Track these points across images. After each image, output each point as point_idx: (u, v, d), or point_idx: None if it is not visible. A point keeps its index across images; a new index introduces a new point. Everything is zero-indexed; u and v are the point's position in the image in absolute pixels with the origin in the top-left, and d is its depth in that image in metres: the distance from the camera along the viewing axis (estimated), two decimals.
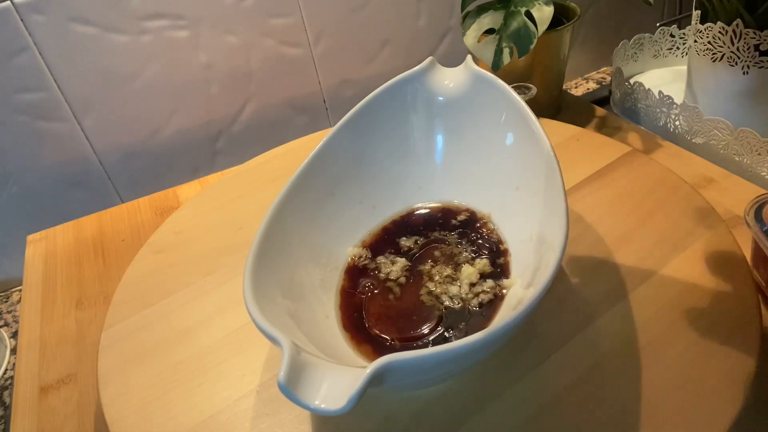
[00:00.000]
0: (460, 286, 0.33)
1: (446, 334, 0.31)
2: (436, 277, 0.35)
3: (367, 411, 0.29)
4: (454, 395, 0.29)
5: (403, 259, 0.36)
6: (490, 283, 0.33)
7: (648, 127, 0.57)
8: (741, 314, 0.31)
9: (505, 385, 0.30)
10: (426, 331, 0.32)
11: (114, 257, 0.48)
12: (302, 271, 0.33)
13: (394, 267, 0.35)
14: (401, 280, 0.35)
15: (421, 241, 0.37)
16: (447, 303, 0.33)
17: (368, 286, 0.35)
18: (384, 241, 0.38)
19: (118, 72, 0.53)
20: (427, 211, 0.39)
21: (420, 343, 0.31)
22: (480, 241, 0.36)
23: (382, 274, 0.35)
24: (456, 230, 0.38)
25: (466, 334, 0.28)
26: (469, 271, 0.34)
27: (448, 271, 0.35)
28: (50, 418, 0.36)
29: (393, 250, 0.37)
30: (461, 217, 0.38)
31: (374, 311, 0.33)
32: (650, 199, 0.40)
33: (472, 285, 0.33)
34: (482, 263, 0.34)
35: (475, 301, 0.33)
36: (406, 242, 0.37)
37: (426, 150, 0.40)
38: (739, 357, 0.29)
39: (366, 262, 0.36)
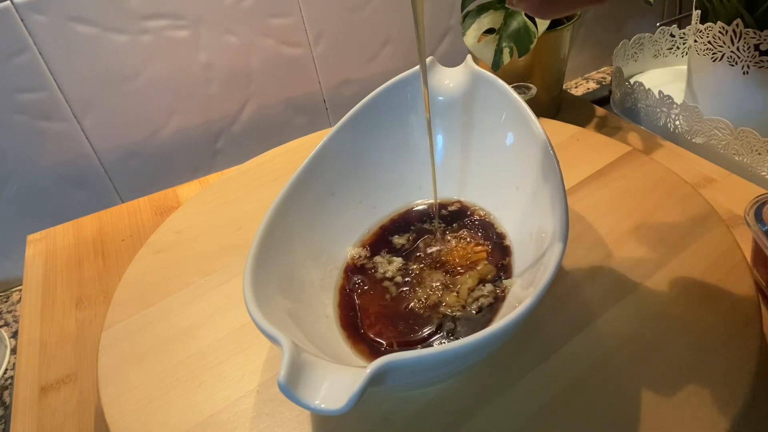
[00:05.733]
0: (460, 286, 0.33)
1: (446, 334, 0.31)
2: (437, 276, 0.35)
3: (367, 411, 0.29)
4: (454, 395, 0.29)
5: (400, 258, 0.36)
6: (489, 287, 0.33)
7: (648, 127, 0.57)
8: (741, 314, 0.31)
9: (505, 385, 0.30)
10: (425, 331, 0.31)
11: (114, 257, 0.48)
12: (302, 271, 0.33)
13: (392, 266, 0.35)
14: (401, 280, 0.35)
15: (420, 240, 0.37)
16: (447, 303, 0.33)
17: (367, 286, 0.35)
18: (384, 241, 0.38)
19: (118, 72, 0.53)
20: (425, 208, 0.39)
21: (419, 343, 0.31)
22: (481, 231, 0.36)
23: (380, 274, 0.35)
24: (457, 228, 0.38)
25: (466, 335, 0.28)
26: (469, 272, 0.34)
27: (448, 270, 0.35)
28: (50, 418, 0.36)
29: (392, 250, 0.37)
30: (454, 208, 0.38)
31: (373, 311, 0.33)
32: (650, 199, 0.40)
33: (472, 287, 0.33)
34: (484, 267, 0.34)
35: (475, 303, 0.33)
36: (404, 241, 0.37)
37: (426, 150, 0.40)
38: (739, 357, 0.29)
39: (365, 261, 0.36)
